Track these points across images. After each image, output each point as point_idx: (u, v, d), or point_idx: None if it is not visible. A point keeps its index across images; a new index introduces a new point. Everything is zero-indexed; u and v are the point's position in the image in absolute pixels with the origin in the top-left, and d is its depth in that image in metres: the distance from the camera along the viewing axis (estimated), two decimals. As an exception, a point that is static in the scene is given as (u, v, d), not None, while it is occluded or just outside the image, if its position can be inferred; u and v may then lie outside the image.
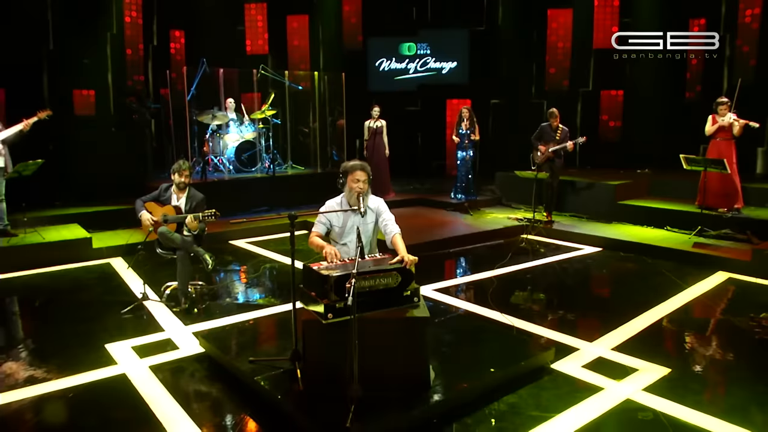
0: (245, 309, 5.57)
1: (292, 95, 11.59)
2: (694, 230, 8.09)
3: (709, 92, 11.73)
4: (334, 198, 4.28)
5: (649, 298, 5.99)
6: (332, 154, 11.98)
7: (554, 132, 9.42)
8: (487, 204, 11.08)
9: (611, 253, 7.93)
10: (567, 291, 6.47)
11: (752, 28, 11.11)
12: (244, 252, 8.00)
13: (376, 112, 10.61)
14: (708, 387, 4.02)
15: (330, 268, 3.53)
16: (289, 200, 10.34)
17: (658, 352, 4.53)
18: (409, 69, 13.78)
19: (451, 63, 13.69)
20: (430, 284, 6.31)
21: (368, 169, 4.10)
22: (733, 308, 5.62)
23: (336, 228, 4.17)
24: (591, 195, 9.88)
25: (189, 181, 5.64)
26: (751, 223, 8.02)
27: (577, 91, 13.31)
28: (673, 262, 7.35)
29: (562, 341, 4.74)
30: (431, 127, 14.06)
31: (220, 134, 10.43)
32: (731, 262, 6.95)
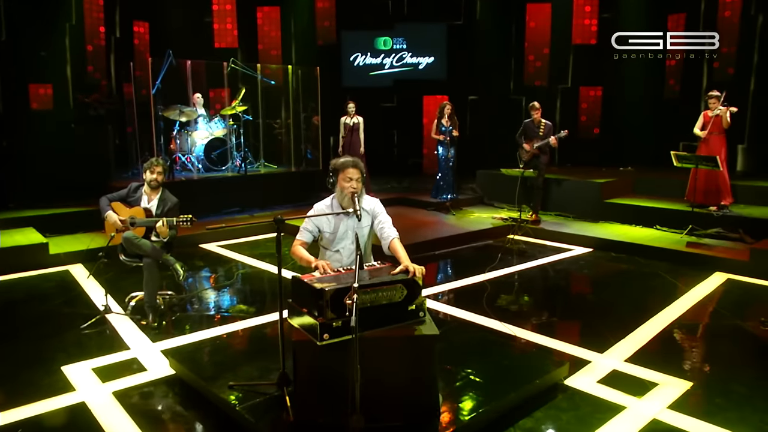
0: (221, 322, 5.05)
1: (264, 90, 11.03)
2: (684, 229, 7.85)
3: (688, 90, 11.64)
4: (322, 200, 3.80)
5: (651, 302, 5.69)
6: (306, 152, 11.46)
7: (537, 128, 9.10)
8: (469, 203, 10.72)
9: (603, 254, 7.63)
10: (564, 296, 6.12)
11: (732, 21, 10.99)
12: (216, 257, 7.45)
13: (351, 109, 10.15)
14: (735, 402, 3.67)
15: (324, 281, 3.07)
16: (263, 200, 9.84)
17: (674, 363, 4.19)
18: (384, 64, 13.34)
19: (427, 58, 13.30)
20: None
21: (361, 166, 3.65)
22: (741, 312, 5.34)
23: (327, 234, 3.70)
24: (577, 193, 9.59)
25: (163, 180, 5.09)
26: (742, 221, 7.82)
27: (556, 88, 13.05)
28: (668, 262, 7.08)
29: (570, 352, 4.37)
30: (408, 124, 13.65)
31: (187, 131, 9.82)
32: (728, 263, 6.71)
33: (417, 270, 3.18)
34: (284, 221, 3.19)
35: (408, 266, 3.22)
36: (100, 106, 9.99)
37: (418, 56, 13.27)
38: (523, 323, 5.00)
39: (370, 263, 3.52)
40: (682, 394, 3.72)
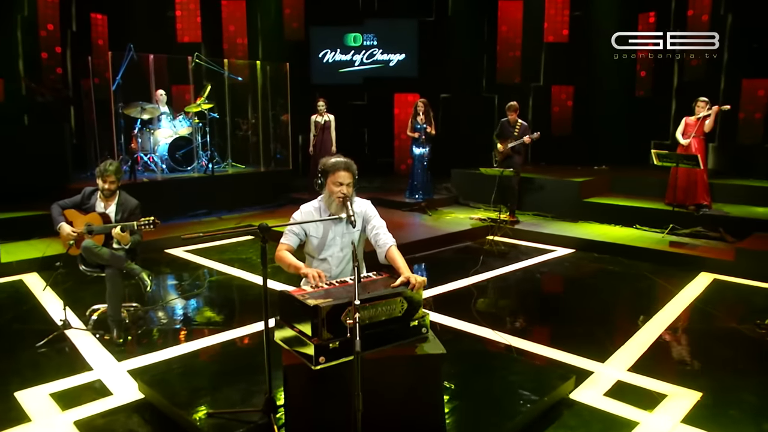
0: (193, 336, 4.65)
1: (231, 87, 10.56)
2: (665, 228, 7.76)
3: (660, 89, 11.65)
4: (310, 202, 3.46)
5: (642, 305, 5.53)
6: (275, 152, 11.03)
7: (513, 128, 8.91)
8: (444, 203, 10.48)
9: (585, 255, 7.46)
10: (554, 301, 5.91)
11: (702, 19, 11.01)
12: (183, 263, 7.02)
13: (321, 107, 9.78)
14: (749, 414, 3.48)
15: (316, 296, 2.73)
16: (231, 202, 9.42)
17: (679, 372, 4.00)
18: (354, 61, 12.98)
19: (399, 55, 13.00)
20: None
21: (354, 168, 3.32)
22: (734, 314, 5.20)
23: (313, 239, 3.35)
24: (554, 193, 9.44)
25: (116, 188, 4.63)
26: (722, 220, 7.78)
27: (529, 86, 12.92)
28: (652, 263, 6.94)
29: (571, 362, 4.13)
30: (378, 122, 13.32)
31: (150, 129, 9.30)
32: (713, 262, 6.61)
33: (419, 282, 2.87)
34: (270, 228, 2.84)
35: (409, 277, 2.91)
36: (48, 93, 9.37)
37: (388, 53, 12.96)
38: (517, 331, 4.75)
39: (365, 274, 3.19)
40: (693, 406, 3.52)
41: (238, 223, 8.53)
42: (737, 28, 10.47)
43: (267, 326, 2.86)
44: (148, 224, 4.26)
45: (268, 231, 2.82)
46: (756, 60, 10.14)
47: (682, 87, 11.40)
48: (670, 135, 11.52)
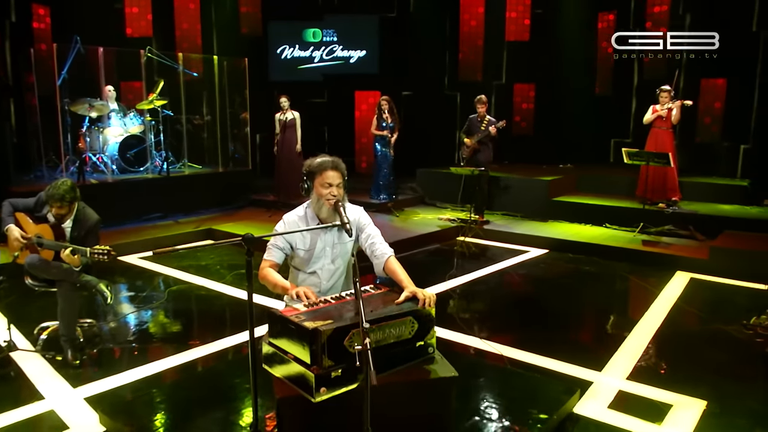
0: (157, 355, 4.21)
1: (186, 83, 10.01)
2: (636, 227, 7.72)
3: (619, 88, 11.70)
4: (293, 210, 3.11)
5: (626, 307, 5.43)
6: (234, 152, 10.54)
7: (481, 122, 8.74)
8: (410, 203, 10.23)
9: (560, 255, 7.33)
10: (538, 305, 5.70)
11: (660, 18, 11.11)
12: (139, 271, 6.52)
13: (284, 103, 9.36)
14: (758, 422, 3.34)
15: (312, 316, 2.40)
16: (187, 204, 8.91)
17: (678, 379, 3.83)
18: (314, 57, 12.57)
19: (359, 51, 12.66)
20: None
21: (343, 167, 3.00)
22: (719, 315, 5.12)
23: (300, 252, 3.01)
24: (523, 192, 9.30)
25: (67, 211, 4.00)
26: (691, 218, 7.78)
27: (491, 84, 12.80)
28: (627, 262, 6.86)
29: (568, 372, 3.93)
30: (339, 120, 12.96)
31: (98, 128, 8.69)
32: (688, 261, 6.57)
33: (428, 298, 2.58)
34: (256, 239, 2.48)
35: (416, 293, 2.61)
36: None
37: (349, 49, 12.60)
38: (506, 339, 4.51)
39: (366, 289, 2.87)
40: (701, 417, 3.35)
41: (196, 227, 8.05)
42: (696, 27, 10.59)
43: (254, 350, 2.50)
44: (102, 254, 3.76)
45: (253, 242, 2.46)
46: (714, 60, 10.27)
47: (642, 86, 11.49)
48: (631, 133, 11.65)
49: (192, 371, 3.95)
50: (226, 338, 4.49)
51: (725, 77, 10.18)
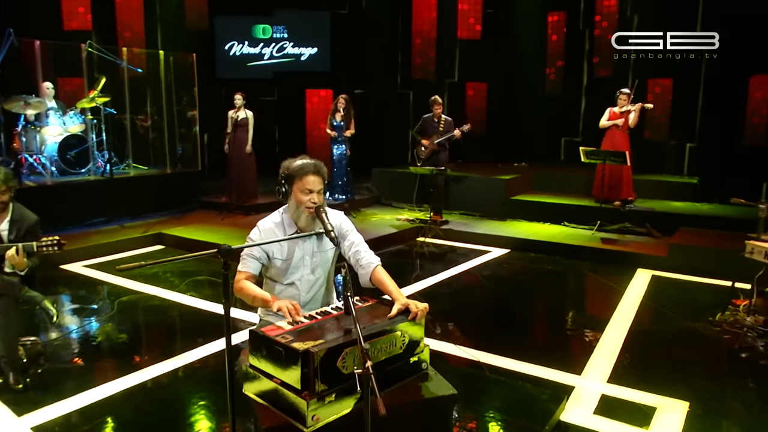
0: (110, 375, 3.86)
1: (131, 80, 9.48)
2: (593, 225, 7.79)
3: (570, 88, 11.85)
4: (268, 217, 2.86)
5: (594, 307, 5.42)
6: (179, 151, 10.06)
7: (437, 123, 8.64)
8: (366, 204, 10.04)
9: (522, 255, 7.30)
10: (507, 306, 5.62)
11: (609, 20, 11.30)
12: (85, 280, 6.08)
13: (238, 101, 9.01)
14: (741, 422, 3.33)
15: (299, 335, 2.17)
16: (133, 208, 8.45)
17: (657, 380, 3.80)
18: (263, 54, 12.19)
19: (311, 49, 12.36)
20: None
21: (324, 170, 2.78)
22: (685, 312, 5.15)
23: (277, 261, 2.77)
24: (481, 191, 9.25)
25: (7, 200, 3.71)
26: (647, 215, 7.90)
27: (443, 83, 12.75)
28: (589, 261, 6.89)
29: (547, 377, 3.83)
30: (290, 119, 12.63)
31: (35, 127, 8.10)
32: (648, 259, 6.64)
33: (421, 310, 2.40)
34: (232, 250, 2.23)
35: (408, 305, 2.43)
36: None
37: (300, 46, 12.29)
38: (480, 344, 4.38)
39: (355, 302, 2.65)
40: (686, 419, 3.31)
41: (144, 231, 7.62)
42: (643, 28, 10.82)
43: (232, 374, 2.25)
44: (51, 245, 3.45)
45: (230, 254, 2.22)
46: (660, 60, 10.52)
47: (592, 85, 11.68)
48: (581, 132, 11.83)
49: (152, 392, 3.64)
50: (188, 353, 4.18)
51: (671, 77, 10.44)
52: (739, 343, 4.39)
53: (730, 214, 7.73)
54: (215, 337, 4.46)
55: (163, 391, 3.65)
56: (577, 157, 11.60)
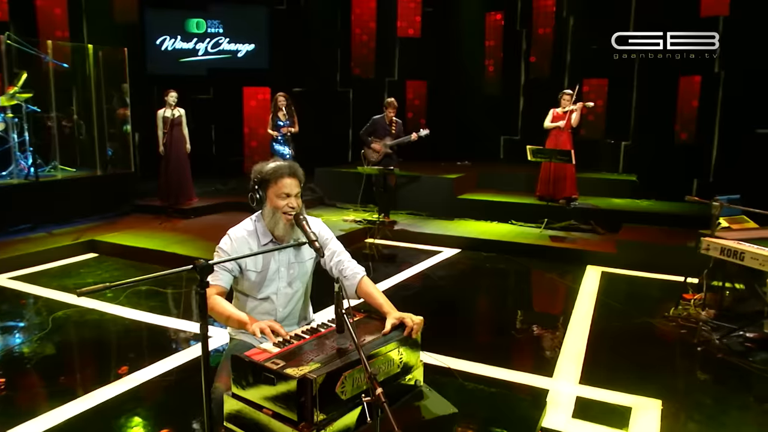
0: (51, 403, 3.49)
1: (56, 75, 8.79)
2: (540, 223, 7.88)
3: (508, 87, 12.01)
4: (241, 224, 2.62)
5: (553, 305, 5.46)
6: (108, 152, 9.45)
7: (389, 126, 8.51)
8: (310, 205, 9.77)
9: (473, 254, 7.27)
10: (467, 308, 5.56)
11: (546, 20, 11.52)
12: (12, 294, 5.56)
13: (172, 99, 8.56)
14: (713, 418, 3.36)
15: (291, 359, 1.96)
16: (62, 213, 7.89)
17: (627, 379, 3.81)
18: (197, 50, 11.67)
19: (248, 45, 11.94)
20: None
21: (301, 173, 2.57)
22: (640, 308, 5.24)
23: (251, 274, 2.53)
24: (428, 190, 9.20)
25: None
26: (591, 212, 8.07)
27: (383, 81, 12.64)
28: (539, 259, 6.95)
29: (520, 381, 3.77)
30: (226, 118, 12.15)
31: (-54, 126, 7.39)
32: (597, 255, 6.76)
33: (417, 324, 2.24)
34: (210, 266, 1.99)
35: (403, 318, 2.26)
36: None
37: (236, 42, 11.85)
38: (447, 350, 4.25)
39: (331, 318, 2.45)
40: (662, 418, 3.32)
41: (75, 238, 7.09)
42: (578, 29, 11.11)
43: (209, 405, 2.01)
44: None
45: (209, 270, 1.98)
46: (595, 60, 10.82)
47: (529, 85, 11.88)
48: (519, 130, 12.02)
49: (105, 421, 3.30)
50: (140, 372, 3.84)
51: (607, 77, 10.75)
52: (696, 338, 4.48)
53: (669, 210, 8.03)
54: (165, 354, 4.14)
55: (118, 418, 3.32)
56: (516, 155, 11.83)
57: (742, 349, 4.31)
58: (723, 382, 3.86)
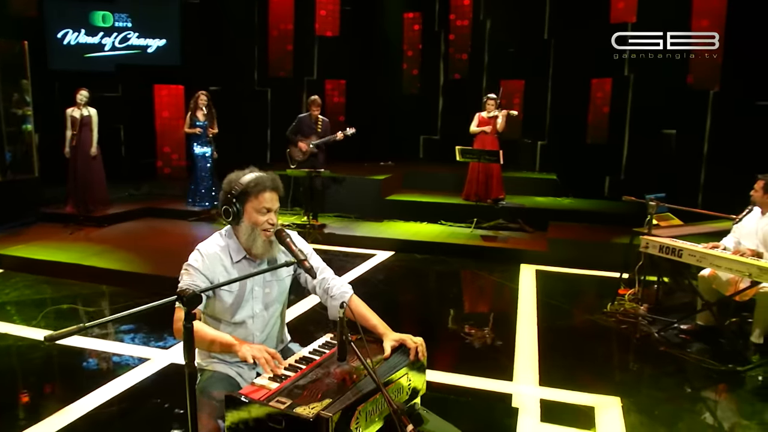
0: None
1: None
2: (470, 223, 7.99)
3: (427, 87, 12.12)
4: (211, 239, 2.38)
5: (497, 306, 5.53)
6: (12, 154, 8.63)
7: (315, 124, 8.32)
8: (233, 209, 9.35)
9: (407, 256, 7.23)
10: (413, 313, 5.50)
11: (464, 24, 11.72)
12: None
13: (81, 97, 7.95)
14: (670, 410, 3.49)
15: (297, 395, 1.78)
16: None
17: (583, 378, 3.91)
18: (104, 45, 10.86)
19: (158, 40, 11.27)
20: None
21: (281, 185, 2.38)
22: (580, 306, 5.42)
23: (225, 294, 2.30)
24: (356, 192, 9.07)
25: None
26: (518, 211, 8.26)
27: (302, 80, 12.37)
28: (473, 259, 7.02)
29: (481, 387, 3.76)
30: (136, 117, 11.41)
31: None
32: (529, 254, 6.91)
33: (420, 344, 2.12)
34: (198, 296, 1.77)
35: (404, 340, 2.13)
36: None
37: (146, 37, 11.15)
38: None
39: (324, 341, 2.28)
40: (625, 415, 3.41)
41: (-27, 253, 6.37)
42: (495, 32, 11.39)
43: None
44: None
45: (198, 301, 1.75)
46: (512, 62, 11.14)
47: (448, 85, 12.04)
48: (439, 130, 12.17)
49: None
50: (74, 405, 3.46)
51: (523, 79, 11.09)
52: (638, 333, 4.67)
53: (590, 208, 8.39)
54: (102, 380, 3.76)
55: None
56: (436, 155, 11.98)
57: (679, 341, 4.54)
58: (670, 374, 4.02)
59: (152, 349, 4.27)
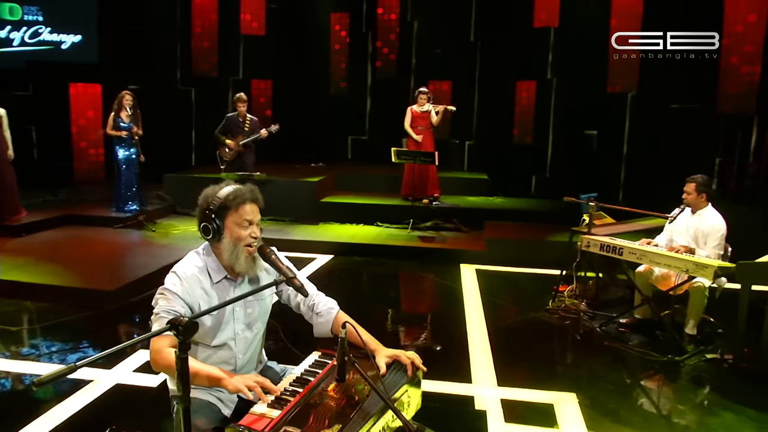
0: None
1: None
2: (406, 224, 8.07)
3: (355, 88, 12.11)
4: (187, 260, 2.27)
5: (445, 307, 5.58)
6: None
7: (242, 122, 8.16)
8: (160, 214, 9.00)
9: (347, 259, 7.21)
10: (361, 317, 5.38)
11: (391, 26, 11.80)
12: None
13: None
14: (622, 402, 3.68)
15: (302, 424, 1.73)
16: None
17: (538, 376, 4.04)
18: (12, 39, 10.08)
19: (73, 36, 10.59)
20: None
21: (261, 198, 2.30)
22: (523, 304, 5.58)
23: (205, 318, 2.19)
24: (289, 195, 8.88)
25: None
26: (453, 211, 8.41)
27: (228, 79, 12.04)
28: (414, 260, 7.09)
29: (443, 390, 3.79)
30: (49, 117, 10.70)
31: None
32: (468, 254, 7.05)
33: (415, 359, 2.11)
34: (195, 324, 1.68)
35: (399, 356, 2.11)
36: None
37: (59, 32, 10.45)
38: (362, 365, 4.17)
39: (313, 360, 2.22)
40: (584, 411, 3.55)
41: None
42: (422, 34, 11.54)
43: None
44: None
45: (193, 330, 1.66)
46: (439, 63, 11.34)
47: (376, 86, 12.09)
48: (367, 131, 12.19)
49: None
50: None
51: (450, 80, 11.30)
52: (582, 328, 4.89)
53: (520, 207, 8.69)
54: (41, 410, 3.49)
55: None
56: (365, 155, 12.01)
57: (619, 335, 4.78)
58: (616, 367, 4.24)
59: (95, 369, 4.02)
